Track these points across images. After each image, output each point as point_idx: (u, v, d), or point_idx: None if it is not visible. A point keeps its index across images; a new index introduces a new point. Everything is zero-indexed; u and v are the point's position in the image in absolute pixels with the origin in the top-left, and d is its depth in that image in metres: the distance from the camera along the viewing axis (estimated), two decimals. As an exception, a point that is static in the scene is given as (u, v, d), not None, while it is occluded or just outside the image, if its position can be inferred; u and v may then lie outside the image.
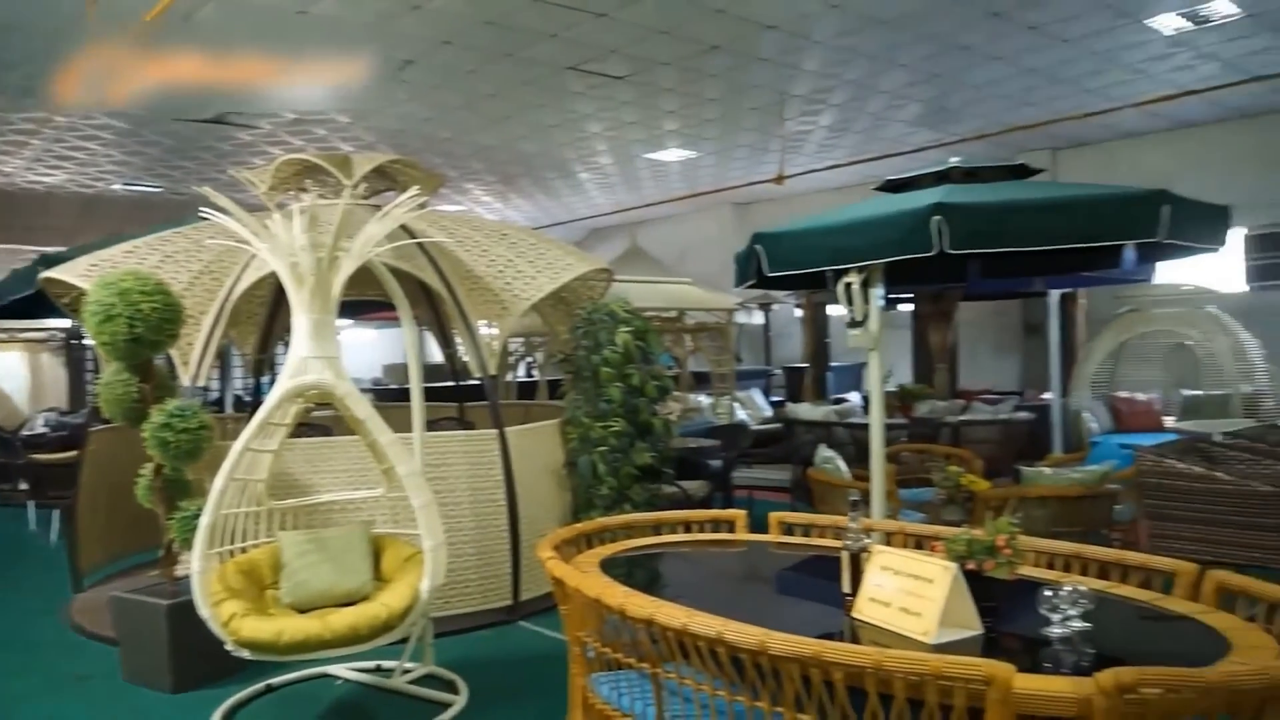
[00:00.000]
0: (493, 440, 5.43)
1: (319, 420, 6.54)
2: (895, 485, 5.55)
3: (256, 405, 6.12)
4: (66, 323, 10.78)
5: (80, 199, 12.58)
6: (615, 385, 5.66)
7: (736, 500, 7.82)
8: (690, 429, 8.26)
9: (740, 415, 10.70)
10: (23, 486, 8.66)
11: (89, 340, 6.94)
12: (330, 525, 4.36)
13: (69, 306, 5.93)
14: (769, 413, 11.94)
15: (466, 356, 6.12)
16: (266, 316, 6.90)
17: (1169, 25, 7.15)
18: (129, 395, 4.34)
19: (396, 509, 4.19)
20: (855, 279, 4.65)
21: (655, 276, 10.10)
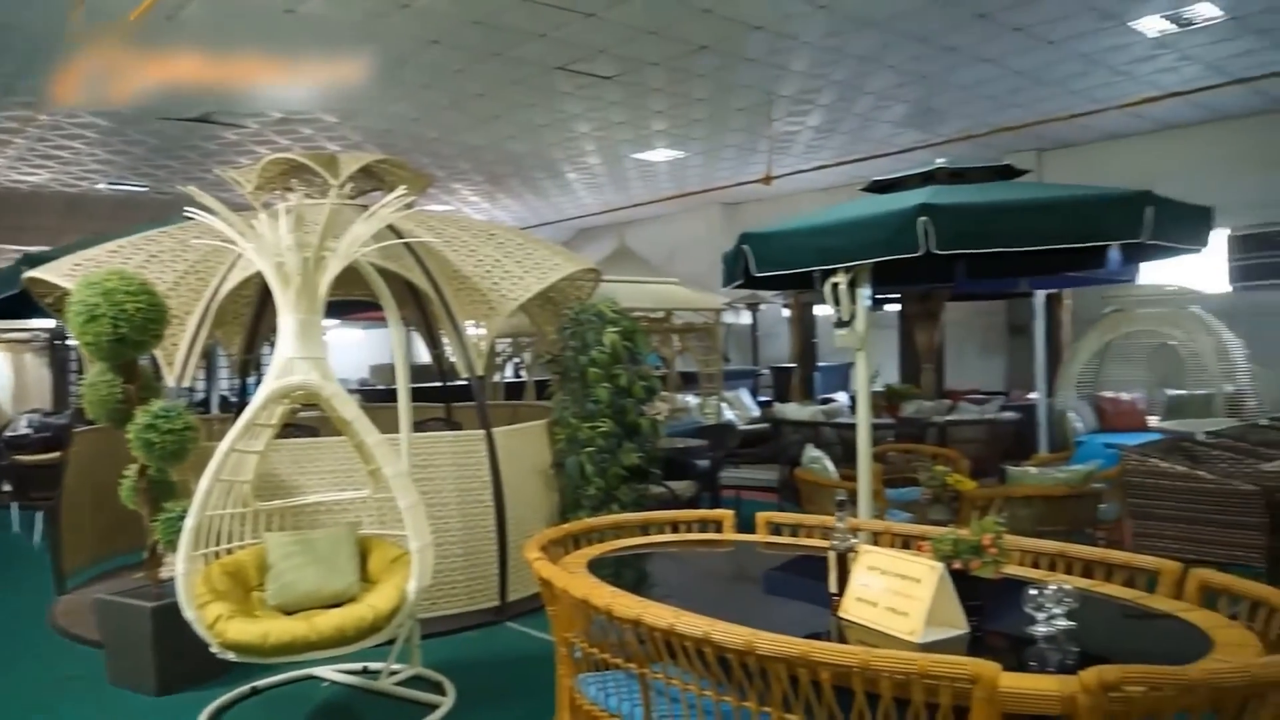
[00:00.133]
0: (480, 441, 5.42)
1: (305, 421, 6.52)
2: (882, 485, 5.58)
3: (242, 406, 6.08)
4: (50, 323, 10.69)
5: (64, 198, 12.46)
6: (603, 386, 5.66)
7: (724, 500, 7.83)
8: (678, 429, 8.26)
9: (728, 415, 10.71)
10: (6, 488, 8.61)
11: (73, 340, 6.88)
12: (317, 526, 4.35)
13: (53, 306, 5.88)
14: (756, 413, 11.95)
15: (454, 357, 6.11)
16: (252, 317, 6.86)
17: (1153, 28, 7.20)
18: (113, 396, 4.31)
19: (383, 510, 4.18)
20: (842, 279, 4.67)
21: (643, 277, 10.10)
